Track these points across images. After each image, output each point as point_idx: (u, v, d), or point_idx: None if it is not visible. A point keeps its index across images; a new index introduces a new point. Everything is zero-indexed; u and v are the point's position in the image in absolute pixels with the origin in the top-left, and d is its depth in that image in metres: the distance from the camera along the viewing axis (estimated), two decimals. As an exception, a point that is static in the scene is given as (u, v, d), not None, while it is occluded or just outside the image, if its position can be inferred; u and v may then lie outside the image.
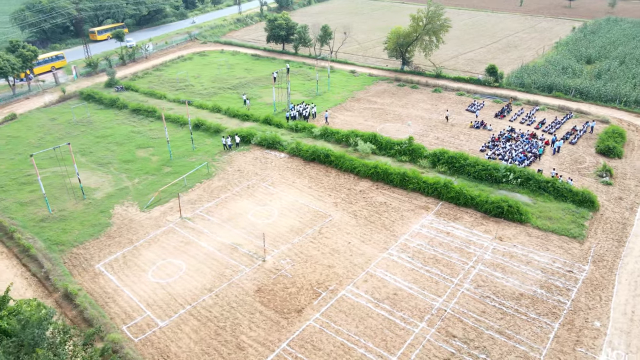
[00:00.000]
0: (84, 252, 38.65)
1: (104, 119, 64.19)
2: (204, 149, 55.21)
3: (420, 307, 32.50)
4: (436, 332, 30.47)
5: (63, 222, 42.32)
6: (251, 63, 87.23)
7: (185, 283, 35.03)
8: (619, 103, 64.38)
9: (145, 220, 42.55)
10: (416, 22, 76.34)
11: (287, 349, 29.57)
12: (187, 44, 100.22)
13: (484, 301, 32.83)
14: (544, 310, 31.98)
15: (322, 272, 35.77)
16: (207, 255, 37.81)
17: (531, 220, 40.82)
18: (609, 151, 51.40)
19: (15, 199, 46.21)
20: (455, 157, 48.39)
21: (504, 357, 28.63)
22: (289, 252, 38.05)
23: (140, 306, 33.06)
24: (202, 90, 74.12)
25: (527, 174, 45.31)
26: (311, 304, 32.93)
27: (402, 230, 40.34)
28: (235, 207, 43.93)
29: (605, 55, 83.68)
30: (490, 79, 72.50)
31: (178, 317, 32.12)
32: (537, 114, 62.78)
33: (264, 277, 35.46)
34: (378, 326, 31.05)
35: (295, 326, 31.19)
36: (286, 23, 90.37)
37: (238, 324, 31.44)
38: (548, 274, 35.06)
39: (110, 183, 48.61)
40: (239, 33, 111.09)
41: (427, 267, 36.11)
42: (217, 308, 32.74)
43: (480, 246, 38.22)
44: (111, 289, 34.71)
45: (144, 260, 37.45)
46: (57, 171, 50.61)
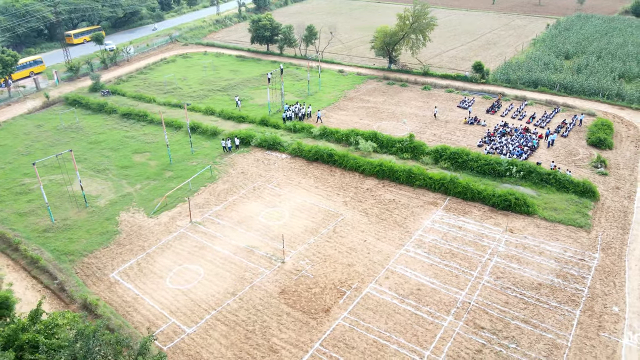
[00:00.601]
0: (95, 261, 37.64)
1: (94, 125, 62.54)
2: (203, 152, 54.50)
3: (444, 301, 33.02)
4: (464, 325, 31.04)
5: (68, 232, 41.09)
6: (237, 64, 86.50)
7: (206, 288, 34.57)
8: (602, 96, 66.80)
9: (154, 226, 41.74)
10: (402, 21, 77.24)
11: (320, 349, 29.59)
12: (169, 46, 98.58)
13: (505, 292, 33.62)
14: (563, 298, 32.99)
15: (343, 271, 35.90)
16: (224, 259, 37.40)
17: (538, 212, 41.99)
18: (600, 143, 53.32)
19: (13, 209, 44.58)
20: (457, 152, 49.29)
21: (533, 346, 29.41)
22: (306, 252, 38.02)
23: (164, 313, 32.46)
24: (191, 92, 73.08)
25: (528, 167, 46.58)
26: (337, 303, 33.02)
27: (414, 226, 40.85)
28: (245, 210, 43.57)
29: (582, 51, 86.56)
30: (477, 76, 74.06)
31: (205, 322, 31.68)
32: (527, 108, 64.53)
33: (286, 278, 35.34)
34: (407, 321, 31.40)
35: (325, 326, 31.23)
36: (270, 23, 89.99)
37: (267, 327, 31.25)
38: (562, 263, 36.17)
39: (111, 190, 47.45)
40: (219, 34, 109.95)
41: (445, 261, 36.70)
42: (243, 312, 32.46)
43: (492, 239, 39.09)
44: (130, 297, 33.94)
45: (159, 267, 36.75)
46: (54, 179, 49.11)
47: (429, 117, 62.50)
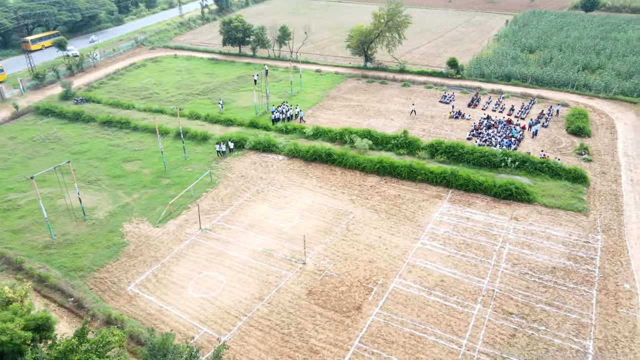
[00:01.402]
0: (107, 275, 36.20)
1: (73, 134, 59.86)
2: (196, 158, 53.37)
3: (469, 290, 34.01)
4: (493, 312, 32.11)
5: (72, 247, 39.28)
6: (211, 67, 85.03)
7: (231, 295, 34.02)
8: (571, 87, 70.43)
9: (162, 235, 40.58)
10: (377, 20, 78.39)
11: (360, 346, 29.82)
12: (135, 51, 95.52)
13: (524, 278, 35.01)
14: (578, 279, 34.73)
15: (366, 268, 36.25)
16: (243, 265, 36.89)
17: (537, 199, 43.89)
18: (580, 131, 56.28)
19: (5, 227, 42.10)
20: (452, 146, 50.69)
21: (561, 326, 30.83)
22: (325, 252, 38.10)
23: (194, 324, 31.70)
24: (170, 97, 71.27)
25: (522, 157, 48.55)
26: (367, 300, 33.34)
27: (424, 220, 41.76)
28: (253, 213, 43.10)
29: (543, 45, 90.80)
30: (453, 72, 76.27)
31: (238, 329, 31.20)
32: (505, 101, 67.09)
33: (310, 279, 35.30)
34: (438, 313, 32.14)
35: (360, 323, 31.48)
36: (242, 25, 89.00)
37: (302, 329, 31.15)
38: (570, 247, 38.04)
39: (107, 201, 45.67)
40: (185, 37, 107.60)
41: (461, 252, 37.75)
42: (275, 315, 32.19)
43: (501, 227, 40.56)
44: (154, 310, 32.91)
45: (178, 277, 35.81)
46: (43, 193, 46.68)
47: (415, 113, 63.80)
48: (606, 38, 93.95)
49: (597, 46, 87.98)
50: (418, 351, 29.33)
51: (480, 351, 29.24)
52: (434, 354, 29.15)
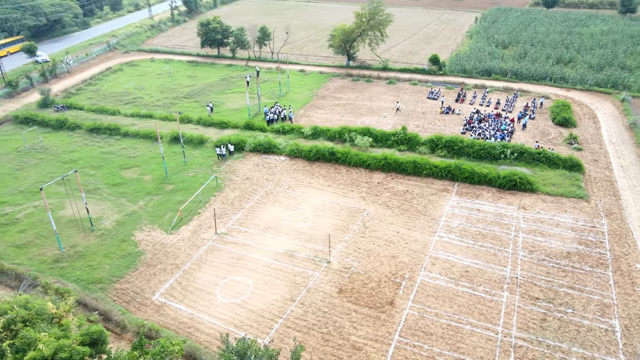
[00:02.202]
0: (129, 286, 35.14)
1: (59, 143, 57.54)
2: (196, 162, 52.43)
3: (494, 279, 35.03)
4: (521, 298, 33.21)
5: (84, 259, 37.87)
6: (191, 70, 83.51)
7: (261, 298, 33.73)
8: (549, 80, 73.35)
9: (178, 242, 39.71)
10: (359, 18, 79.12)
11: (401, 340, 30.23)
12: (108, 55, 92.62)
13: (542, 264, 36.35)
14: (593, 262, 36.37)
15: (390, 263, 36.71)
16: (267, 267, 36.62)
17: (540, 188, 45.59)
18: (566, 122, 58.76)
19: (6, 242, 40.11)
20: (452, 140, 51.90)
21: (586, 307, 32.25)
22: (347, 250, 38.32)
23: (229, 329, 31.26)
24: (155, 102, 69.58)
25: (519, 148, 50.26)
26: (398, 294, 33.79)
27: (437, 214, 42.63)
28: (267, 215, 42.80)
29: (515, 40, 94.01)
30: (435, 68, 77.93)
31: (276, 332, 31.00)
32: (489, 95, 69.14)
33: (338, 277, 35.44)
34: (469, 302, 32.95)
35: (396, 318, 31.89)
36: (220, 26, 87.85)
37: (340, 327, 31.28)
38: (578, 232, 39.76)
39: (112, 210, 44.24)
40: (158, 40, 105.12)
41: (478, 242, 38.80)
42: (310, 316, 32.17)
43: (511, 217, 41.91)
44: (186, 318, 32.23)
45: (203, 283, 35.19)
46: (40, 205, 44.77)
47: (405, 110, 64.83)
48: (572, 33, 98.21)
49: (565, 41, 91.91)
50: (458, 341, 30.00)
51: (517, 337, 30.21)
52: (473, 342, 29.90)
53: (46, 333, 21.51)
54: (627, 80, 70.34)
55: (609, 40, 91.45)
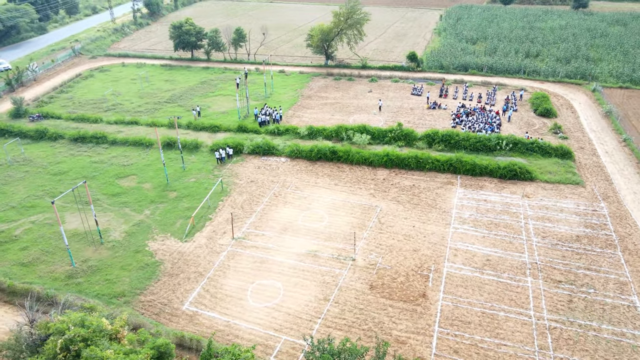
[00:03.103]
0: (154, 297, 34.04)
1: (43, 154, 54.75)
2: (195, 167, 51.27)
3: (515, 265, 36.33)
4: (544, 282, 34.63)
5: (100, 273, 36.33)
6: (167, 74, 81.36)
7: (294, 300, 33.53)
8: (523, 73, 76.48)
9: (195, 249, 38.78)
10: (337, 18, 79.64)
11: (442, 330, 30.88)
12: (74, 61, 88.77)
13: (556, 248, 38.02)
14: (602, 244, 38.39)
15: (413, 257, 37.33)
16: (293, 269, 36.42)
17: (538, 176, 47.57)
18: (548, 112, 61.53)
19: (10, 260, 37.87)
20: (448, 134, 53.26)
21: (606, 286, 34.04)
22: (368, 246, 38.65)
23: (269, 333, 30.92)
24: (137, 107, 67.39)
25: (513, 139, 52.22)
26: (428, 287, 34.44)
27: (447, 206, 43.68)
28: (280, 217, 42.50)
29: (483, 36, 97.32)
30: (413, 65, 79.54)
31: (317, 332, 30.91)
32: (470, 90, 71.30)
33: (366, 274, 35.72)
34: (497, 290, 34.04)
35: (432, 309, 32.52)
36: (193, 28, 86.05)
37: (380, 322, 31.58)
38: (582, 216, 41.84)
39: (117, 221, 42.63)
40: (123, 44, 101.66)
41: (493, 232, 40.09)
42: (347, 314, 32.28)
43: (517, 205, 43.54)
44: (222, 325, 31.58)
45: (231, 289, 34.58)
46: (38, 220, 42.56)
47: (393, 106, 65.87)
48: (533, 28, 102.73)
49: (529, 35, 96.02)
50: (495, 327, 30.95)
51: (549, 319, 31.50)
52: (510, 327, 30.94)
53: (112, 350, 20.58)
54: (593, 71, 74.36)
55: (569, 34, 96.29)
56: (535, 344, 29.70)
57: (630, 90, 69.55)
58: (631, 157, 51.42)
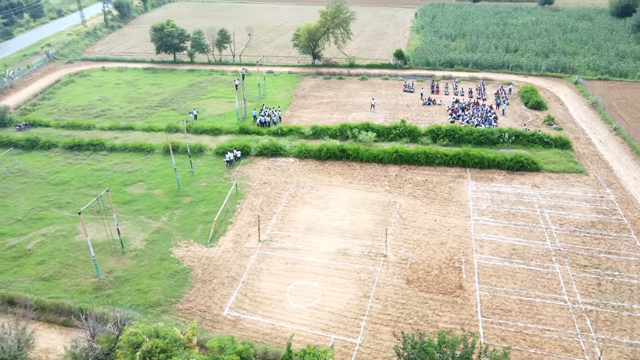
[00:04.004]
0: (191, 305, 33.31)
1: (38, 164, 52.46)
2: (203, 171, 50.36)
3: (540, 253, 37.56)
4: (570, 267, 35.98)
5: (129, 283, 35.23)
6: (153, 77, 79.34)
7: (335, 298, 33.56)
8: (507, 68, 78.88)
9: (223, 254, 38.16)
10: (324, 17, 79.84)
11: (485, 319, 31.62)
12: (50, 66, 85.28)
13: (575, 234, 39.55)
14: (615, 228, 40.20)
15: (442, 250, 38.01)
16: (327, 268, 36.42)
17: (543, 167, 49.26)
18: (539, 105, 63.75)
19: (28, 276, 36.18)
20: (452, 129, 54.40)
21: (629, 268, 35.70)
22: (395, 242, 39.07)
23: (318, 333, 30.84)
24: (128, 113, 65.46)
25: (515, 132, 53.85)
26: (462, 278, 35.16)
27: (463, 199, 44.66)
28: (302, 217, 42.35)
29: (461, 33, 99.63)
30: (400, 62, 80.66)
31: (364, 329, 31.08)
32: (460, 85, 72.96)
33: (400, 269, 36.12)
34: (528, 277, 35.12)
35: (471, 300, 33.24)
36: (175, 30, 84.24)
37: (424, 315, 32.04)
38: (592, 203, 43.66)
39: (134, 229, 41.38)
40: (98, 48, 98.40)
41: (512, 222, 41.29)
42: (390, 309, 32.58)
43: (530, 195, 44.98)
44: (267, 329, 31.27)
45: (269, 292, 34.26)
46: (49, 232, 40.82)
47: (388, 104, 66.61)
48: (507, 24, 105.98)
49: (505, 31, 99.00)
50: (535, 314, 31.95)
51: (583, 302, 32.78)
52: (549, 313, 32.01)
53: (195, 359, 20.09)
54: (572, 64, 77.49)
55: (542, 29, 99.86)
56: (577, 327, 30.86)
57: (609, 81, 72.88)
58: (624, 145, 53.96)
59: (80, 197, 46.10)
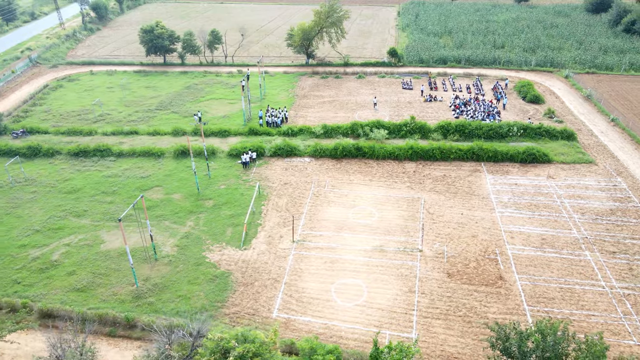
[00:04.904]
0: (238, 308, 32.86)
1: (45, 172, 50.56)
2: (219, 173, 49.65)
3: (569, 241, 38.75)
4: (600, 254, 37.26)
5: (169, 290, 34.44)
6: (145, 80, 77.48)
7: (381, 295, 33.74)
8: (499, 64, 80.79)
9: (259, 256, 37.76)
10: (318, 16, 79.84)
11: (531, 308, 32.44)
12: (34, 71, 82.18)
13: (598, 222, 40.97)
14: (634, 215, 41.85)
15: (475, 243, 38.72)
16: (366, 265, 36.55)
17: (554, 158, 50.76)
18: (537, 99, 65.58)
19: (61, 287, 34.88)
20: (461, 125, 55.38)
21: (654, 253, 37.29)
22: (427, 236, 39.55)
23: (372, 330, 30.92)
24: (127, 117, 63.77)
25: (522, 125, 55.26)
26: (500, 269, 35.92)
27: (483, 192, 45.56)
28: (330, 216, 42.33)
29: (446, 31, 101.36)
30: (394, 60, 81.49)
31: (417, 324, 31.36)
32: (456, 82, 74.25)
33: (438, 263, 36.59)
34: (563, 266, 36.19)
35: (514, 290, 34.00)
36: (165, 31, 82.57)
37: (472, 307, 32.59)
38: (606, 191, 45.30)
39: (162, 235, 40.45)
40: (81, 51, 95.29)
41: (536, 213, 42.42)
42: (438, 303, 33.00)
43: (546, 187, 46.29)
44: (320, 328, 31.16)
45: (314, 292, 34.15)
46: (73, 241, 39.48)
47: (391, 101, 67.18)
48: (488, 21, 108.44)
49: (488, 28, 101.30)
50: (578, 300, 32.98)
51: (620, 287, 34.02)
52: (590, 299, 33.08)
53: (289, 362, 19.89)
54: (560, 59, 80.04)
55: (523, 26, 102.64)
56: (619, 311, 32.01)
57: (597, 75, 75.63)
58: (624, 135, 56.17)
59: (96, 205, 44.70)
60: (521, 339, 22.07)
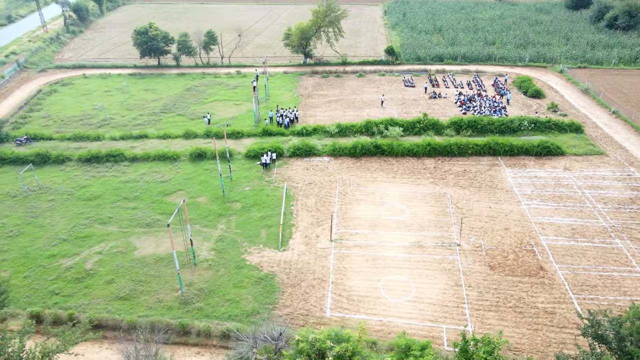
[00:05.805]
0: (290, 310, 32.63)
1: (58, 180, 48.94)
2: (241, 175, 49.12)
3: (599, 231, 39.95)
4: (629, 242, 38.56)
5: (215, 294, 33.91)
6: (142, 83, 75.82)
7: (429, 290, 34.07)
8: (494, 60, 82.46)
9: (300, 257, 37.55)
10: (316, 16, 79.81)
11: (577, 296, 33.33)
12: (23, 75, 79.32)
13: (620, 211, 42.37)
14: (653, 202, 43.50)
15: (509, 235, 39.49)
16: (408, 261, 36.82)
17: (567, 151, 52.20)
18: (538, 94, 67.26)
19: (102, 296, 33.88)
20: (474, 120, 56.33)
21: (680, 238, 38.82)
22: (462, 231, 40.07)
23: (428, 325, 31.24)
24: (132, 121, 62.30)
25: (532, 119, 56.59)
26: (537, 260, 36.74)
27: (505, 185, 46.50)
28: (362, 214, 42.44)
29: (437, 29, 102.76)
30: (392, 58, 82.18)
31: (471, 316, 31.80)
32: (456, 78, 75.40)
33: (478, 256, 37.17)
34: (597, 254, 37.30)
35: (556, 279, 34.86)
36: (160, 33, 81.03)
37: (520, 298, 33.24)
38: (622, 181, 46.89)
39: (196, 239, 39.67)
40: (68, 54, 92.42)
41: (561, 204, 43.56)
42: (487, 295, 33.53)
43: (565, 178, 47.57)
44: (377, 326, 31.26)
45: (362, 289, 34.22)
46: (101, 249, 38.39)
47: (397, 99, 67.72)
48: (475, 19, 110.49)
49: (477, 26, 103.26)
50: (619, 287, 34.06)
51: (654, 272, 35.33)
52: (630, 285, 34.23)
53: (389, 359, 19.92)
54: (552, 55, 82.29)
55: (510, 23, 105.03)
56: (660, 295, 33.23)
57: (589, 69, 78.11)
58: (627, 126, 58.23)
59: (120, 211, 43.56)
60: (619, 325, 22.65)
